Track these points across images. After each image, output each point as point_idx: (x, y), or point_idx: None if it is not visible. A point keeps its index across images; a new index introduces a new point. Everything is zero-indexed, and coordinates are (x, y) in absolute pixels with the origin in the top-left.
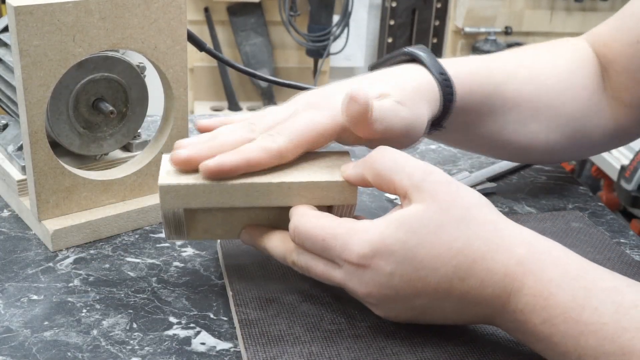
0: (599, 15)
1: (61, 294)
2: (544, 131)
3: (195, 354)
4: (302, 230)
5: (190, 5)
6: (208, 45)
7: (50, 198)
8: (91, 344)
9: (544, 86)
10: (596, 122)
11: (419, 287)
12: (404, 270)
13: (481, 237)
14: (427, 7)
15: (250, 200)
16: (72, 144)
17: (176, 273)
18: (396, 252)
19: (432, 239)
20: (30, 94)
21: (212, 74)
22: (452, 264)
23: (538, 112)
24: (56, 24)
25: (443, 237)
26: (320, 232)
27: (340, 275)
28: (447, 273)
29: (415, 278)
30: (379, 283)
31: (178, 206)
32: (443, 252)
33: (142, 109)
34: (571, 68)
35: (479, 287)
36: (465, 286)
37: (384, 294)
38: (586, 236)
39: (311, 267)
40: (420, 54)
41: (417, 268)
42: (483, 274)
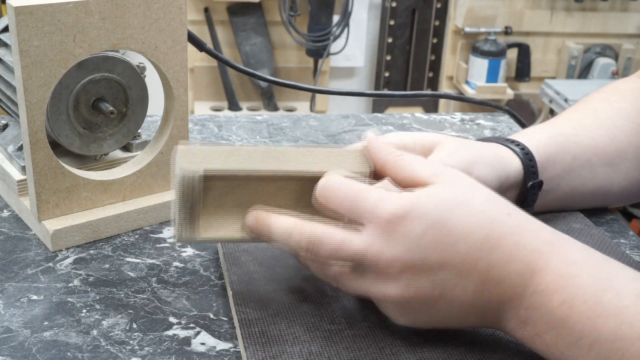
0: (599, 15)
1: (61, 294)
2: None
3: (195, 354)
4: (333, 186)
5: (190, 5)
6: (208, 45)
7: (50, 198)
8: (91, 344)
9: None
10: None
11: (447, 254)
12: (435, 233)
13: (509, 215)
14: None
15: (268, 163)
16: (72, 144)
17: (176, 273)
18: (429, 214)
19: (464, 208)
20: (30, 94)
21: (212, 74)
22: (483, 233)
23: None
24: (56, 24)
25: (475, 207)
26: (352, 189)
27: (362, 241)
28: (476, 241)
29: (445, 243)
30: (407, 246)
31: (195, 170)
32: (475, 220)
33: (142, 109)
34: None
35: (505, 261)
36: (492, 258)
37: (409, 259)
38: (587, 237)
39: (325, 237)
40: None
41: (448, 233)
42: (511, 247)
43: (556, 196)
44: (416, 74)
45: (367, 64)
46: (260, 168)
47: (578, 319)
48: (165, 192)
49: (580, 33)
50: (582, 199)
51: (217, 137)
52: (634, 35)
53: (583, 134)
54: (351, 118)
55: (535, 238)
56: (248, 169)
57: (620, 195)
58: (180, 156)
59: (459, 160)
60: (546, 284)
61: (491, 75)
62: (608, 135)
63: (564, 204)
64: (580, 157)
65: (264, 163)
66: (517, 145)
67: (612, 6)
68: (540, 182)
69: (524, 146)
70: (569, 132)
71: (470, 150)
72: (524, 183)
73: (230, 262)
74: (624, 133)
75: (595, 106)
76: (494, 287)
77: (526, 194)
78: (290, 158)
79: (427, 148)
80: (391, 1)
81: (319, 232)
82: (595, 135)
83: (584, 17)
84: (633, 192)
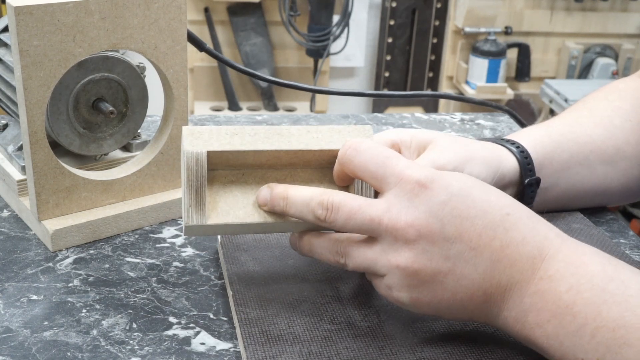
0: (599, 15)
1: (61, 294)
2: (620, 172)
3: (195, 354)
4: (360, 147)
5: (190, 5)
6: (208, 45)
7: (50, 198)
8: (91, 344)
9: (612, 128)
10: None
11: (465, 227)
12: (456, 202)
13: (525, 209)
14: (427, 7)
15: (273, 141)
16: (72, 144)
17: (176, 273)
18: (454, 184)
19: (486, 189)
20: (30, 94)
21: (212, 74)
22: (503, 212)
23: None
24: (56, 24)
25: (495, 191)
26: (381, 153)
27: (381, 204)
28: (495, 219)
29: (465, 215)
30: (428, 209)
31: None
32: (495, 200)
33: (142, 109)
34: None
35: (520, 242)
36: (507, 238)
37: (427, 225)
38: (587, 237)
39: (344, 201)
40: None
41: (469, 206)
42: (527, 230)
43: (555, 194)
44: (416, 74)
45: (367, 64)
46: (265, 148)
47: (583, 305)
48: (165, 192)
49: (580, 33)
50: (581, 198)
51: None
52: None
53: (580, 132)
54: (351, 118)
55: (549, 229)
56: (253, 149)
57: (619, 193)
58: (185, 138)
59: (452, 157)
60: (556, 269)
61: (491, 75)
62: (606, 134)
63: (563, 202)
64: (578, 154)
65: (269, 142)
66: (512, 144)
67: (612, 6)
68: (537, 179)
69: (519, 145)
70: (566, 130)
71: (464, 147)
72: (520, 181)
73: (230, 262)
74: (621, 131)
75: (593, 105)
76: (505, 268)
77: (524, 191)
78: (294, 136)
79: (422, 145)
80: (391, 1)
81: (339, 198)
82: (592, 134)
83: (584, 17)
84: (632, 190)
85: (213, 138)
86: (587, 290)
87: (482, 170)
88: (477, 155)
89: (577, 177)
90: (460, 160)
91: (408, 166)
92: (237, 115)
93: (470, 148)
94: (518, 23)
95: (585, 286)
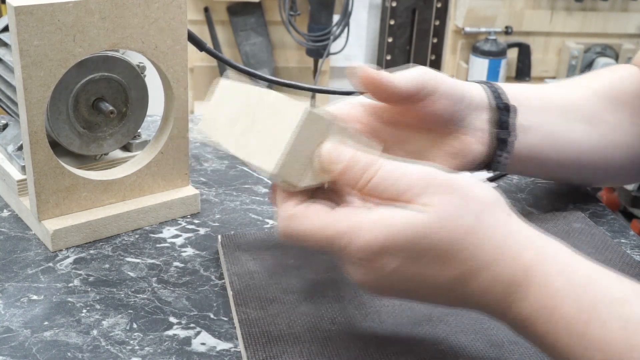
0: (599, 15)
1: (61, 294)
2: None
3: (195, 354)
4: (296, 234)
5: (190, 5)
6: (208, 45)
7: (50, 198)
8: (91, 344)
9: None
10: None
11: (417, 285)
12: (406, 269)
13: (489, 245)
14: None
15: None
16: (72, 144)
17: (176, 273)
18: (402, 253)
19: (439, 247)
20: (30, 94)
21: (212, 74)
22: (457, 271)
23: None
24: (56, 24)
25: (450, 247)
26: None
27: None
28: (449, 278)
29: (417, 279)
30: (377, 277)
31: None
32: (449, 260)
33: (142, 109)
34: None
35: (481, 293)
36: (467, 291)
37: (380, 285)
38: (587, 237)
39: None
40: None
41: (419, 271)
42: (487, 282)
43: (539, 140)
44: None
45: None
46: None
47: (565, 347)
48: (165, 192)
49: (581, 33)
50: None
51: None
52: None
53: (560, 90)
54: None
55: (515, 266)
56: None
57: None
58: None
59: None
60: (527, 314)
61: (491, 75)
62: (584, 96)
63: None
64: (557, 106)
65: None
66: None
67: (612, 6)
68: (512, 106)
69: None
70: (544, 87)
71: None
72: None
73: (230, 262)
74: (600, 97)
75: (577, 77)
76: (473, 306)
77: (499, 117)
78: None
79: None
80: (391, 1)
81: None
82: (571, 93)
83: (584, 17)
84: (613, 159)
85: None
86: (566, 337)
87: (449, 89)
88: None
89: (556, 127)
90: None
91: (349, 242)
92: None
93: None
94: (518, 23)
95: (563, 332)
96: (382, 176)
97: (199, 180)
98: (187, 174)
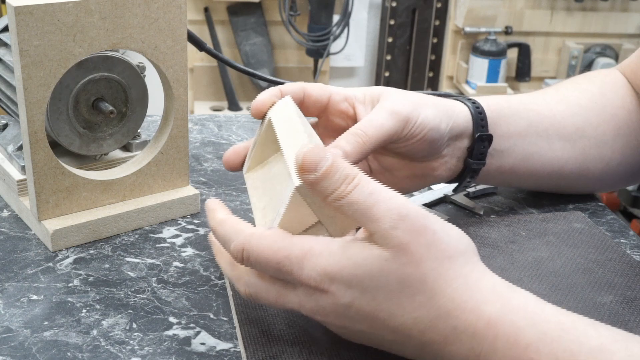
0: (599, 15)
1: (61, 294)
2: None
3: (195, 354)
4: (253, 254)
5: (190, 5)
6: (208, 45)
7: (50, 198)
8: (91, 344)
9: (575, 107)
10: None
11: (377, 325)
12: (362, 305)
13: (447, 295)
14: (427, 7)
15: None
16: (72, 144)
17: (176, 273)
18: (354, 287)
19: (392, 288)
20: (30, 94)
21: (212, 74)
22: (412, 315)
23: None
24: (56, 24)
25: (404, 290)
26: (274, 254)
27: (297, 298)
28: (406, 322)
29: (374, 317)
30: (336, 311)
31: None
32: (403, 302)
33: (142, 109)
34: (604, 91)
35: (442, 342)
36: (426, 338)
37: (341, 323)
38: (588, 237)
39: (261, 295)
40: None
41: (375, 309)
42: (447, 331)
43: (511, 161)
44: (416, 74)
45: (367, 63)
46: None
47: None
48: (165, 192)
49: (581, 33)
50: (537, 172)
51: (217, 137)
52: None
53: (542, 105)
54: None
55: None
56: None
57: (576, 174)
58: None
59: (405, 104)
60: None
61: (491, 75)
62: (567, 111)
63: (519, 174)
64: (537, 125)
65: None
66: (467, 100)
67: (612, 6)
68: (489, 136)
69: (474, 101)
70: (527, 101)
71: (417, 95)
72: (474, 137)
73: None
74: (584, 110)
75: (560, 86)
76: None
77: (474, 146)
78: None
79: (375, 98)
80: (391, 1)
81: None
82: (554, 109)
83: (584, 17)
84: (590, 173)
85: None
86: None
87: (437, 115)
88: (431, 102)
89: (534, 148)
90: (414, 105)
91: (303, 265)
92: (237, 115)
93: (422, 96)
94: (518, 23)
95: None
96: (358, 197)
97: (199, 180)
98: (187, 174)
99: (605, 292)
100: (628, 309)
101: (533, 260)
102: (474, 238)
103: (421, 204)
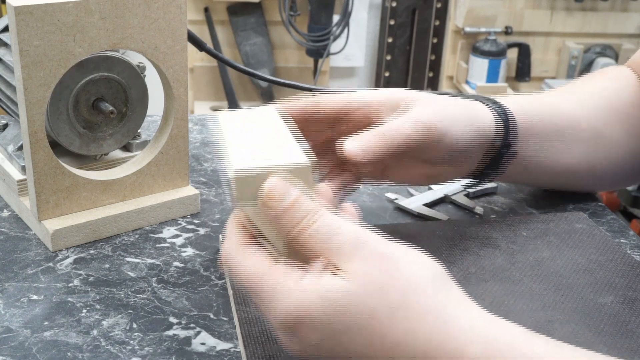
0: (599, 15)
1: (61, 294)
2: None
3: (195, 354)
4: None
5: (190, 5)
6: (208, 45)
7: (50, 198)
8: (91, 344)
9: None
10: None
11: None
12: (331, 347)
13: (423, 332)
14: (427, 7)
15: None
16: (72, 144)
17: (176, 273)
18: (323, 328)
19: (362, 325)
20: (30, 94)
21: (212, 74)
22: (386, 357)
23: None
24: (56, 24)
25: (375, 327)
26: (247, 282)
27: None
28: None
29: (345, 357)
30: (304, 349)
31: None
32: (375, 342)
33: (142, 109)
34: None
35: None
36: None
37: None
38: (589, 237)
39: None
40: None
41: (345, 349)
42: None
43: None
44: (416, 74)
45: (367, 63)
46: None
47: None
48: (165, 192)
49: (581, 33)
50: (552, 172)
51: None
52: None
53: (567, 109)
54: None
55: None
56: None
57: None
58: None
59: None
60: None
61: (491, 75)
62: (588, 115)
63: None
64: (560, 131)
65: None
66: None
67: (612, 6)
68: (515, 152)
69: (505, 111)
70: (556, 102)
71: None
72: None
73: None
74: (602, 114)
75: (579, 85)
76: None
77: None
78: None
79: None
80: (391, 1)
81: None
82: (577, 113)
83: (584, 17)
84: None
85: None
86: None
87: (468, 132)
88: (461, 117)
89: (552, 150)
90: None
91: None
92: None
93: (455, 109)
94: (518, 23)
95: None
96: (318, 229)
97: (199, 180)
98: (187, 174)
99: (606, 292)
100: (629, 309)
101: (534, 261)
102: (474, 238)
103: (421, 204)
